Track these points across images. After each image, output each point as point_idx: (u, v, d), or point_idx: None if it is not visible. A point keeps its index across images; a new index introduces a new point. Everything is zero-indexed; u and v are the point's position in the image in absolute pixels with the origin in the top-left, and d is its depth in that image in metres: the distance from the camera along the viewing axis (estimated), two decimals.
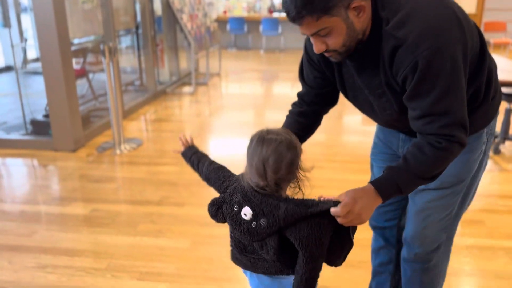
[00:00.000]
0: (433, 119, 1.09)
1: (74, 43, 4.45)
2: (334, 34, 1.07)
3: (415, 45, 1.04)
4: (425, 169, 1.12)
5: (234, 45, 11.01)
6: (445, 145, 1.09)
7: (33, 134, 3.95)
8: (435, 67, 1.04)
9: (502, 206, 2.77)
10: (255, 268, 1.18)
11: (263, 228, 1.08)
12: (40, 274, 2.12)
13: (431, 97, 1.07)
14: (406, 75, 1.08)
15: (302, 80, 1.39)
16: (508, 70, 3.45)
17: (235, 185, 1.16)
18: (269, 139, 1.07)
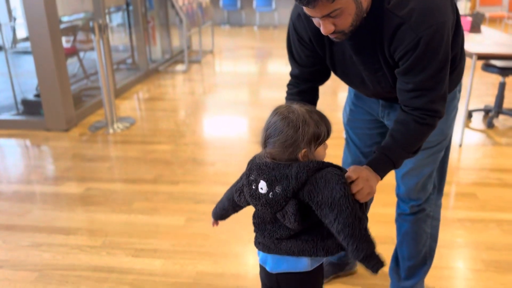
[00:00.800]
0: (423, 93, 1.16)
1: (63, 20, 4.36)
2: (345, 14, 1.07)
3: (418, 24, 1.08)
4: (411, 143, 1.22)
5: (227, 22, 10.86)
6: (429, 121, 1.19)
7: (25, 114, 3.91)
8: (434, 46, 1.09)
9: (494, 179, 2.79)
10: (279, 250, 1.18)
11: (279, 195, 1.09)
12: (35, 253, 2.12)
13: (426, 73, 1.13)
14: (407, 52, 1.11)
15: (293, 62, 1.40)
16: (503, 44, 3.42)
17: (248, 167, 1.18)
18: (279, 113, 1.09)
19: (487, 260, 2.03)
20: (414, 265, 1.65)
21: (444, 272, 1.96)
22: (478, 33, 3.98)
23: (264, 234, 1.19)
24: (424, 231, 1.61)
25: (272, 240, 1.18)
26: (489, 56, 3.13)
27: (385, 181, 2.80)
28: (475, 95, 4.62)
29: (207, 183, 2.80)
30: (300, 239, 1.15)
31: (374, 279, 1.93)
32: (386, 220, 2.34)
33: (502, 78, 3.68)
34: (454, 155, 3.16)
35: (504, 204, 2.50)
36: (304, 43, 1.31)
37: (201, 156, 3.21)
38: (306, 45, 1.31)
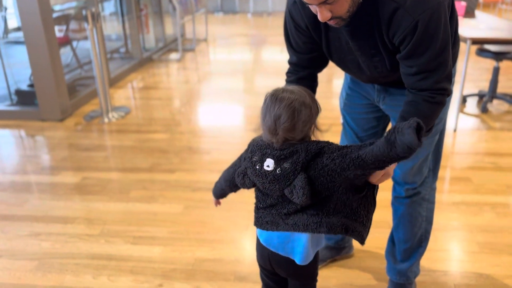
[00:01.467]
0: (428, 75, 1.16)
1: (56, 9, 4.32)
2: (341, 1, 1.08)
3: (413, 7, 1.08)
4: (424, 123, 1.17)
5: (220, 9, 10.78)
6: (439, 99, 1.19)
7: (19, 105, 3.88)
8: (433, 28, 1.10)
9: (489, 163, 2.82)
10: (286, 225, 1.18)
11: (288, 169, 1.10)
12: (33, 242, 2.13)
13: (427, 55, 1.14)
14: (405, 36, 1.12)
15: (291, 49, 1.40)
16: (497, 28, 3.43)
17: (250, 149, 1.19)
18: (282, 97, 1.09)
19: (482, 242, 2.06)
20: (410, 248, 1.67)
21: (439, 255, 1.99)
22: (472, 18, 3.98)
23: (272, 212, 1.20)
24: (420, 214, 1.63)
25: (280, 216, 1.19)
26: (483, 40, 3.13)
27: None
28: (469, 80, 4.64)
29: (203, 171, 2.81)
30: (306, 213, 1.16)
31: (370, 261, 1.95)
32: (383, 204, 2.36)
33: (496, 62, 3.70)
34: (449, 139, 3.18)
35: (498, 188, 2.53)
36: (301, 30, 1.31)
37: (196, 145, 3.21)
38: (303, 32, 1.32)
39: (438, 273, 1.87)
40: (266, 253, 1.27)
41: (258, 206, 1.24)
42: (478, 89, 4.27)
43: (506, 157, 2.89)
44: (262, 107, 1.13)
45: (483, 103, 3.72)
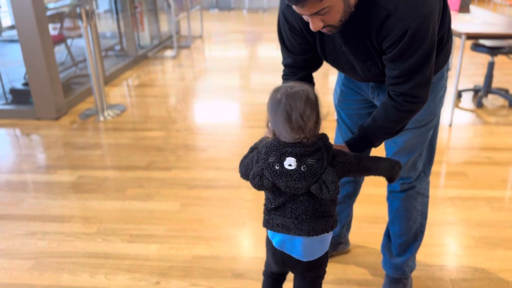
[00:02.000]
0: (408, 78, 1.20)
1: (50, 7, 4.29)
2: (333, 12, 1.10)
3: (404, 16, 1.11)
4: (390, 127, 1.31)
5: (215, 6, 10.75)
6: (407, 107, 1.24)
7: (14, 104, 3.86)
8: (420, 36, 1.13)
9: (484, 158, 2.83)
10: (299, 230, 1.19)
11: (315, 166, 1.11)
12: (30, 241, 2.12)
13: (411, 61, 1.17)
14: (394, 42, 1.15)
15: (286, 51, 1.40)
16: (491, 23, 3.44)
17: (263, 150, 1.17)
18: (296, 92, 1.09)
19: (477, 237, 2.07)
20: (406, 242, 1.68)
21: (435, 249, 2.00)
22: (467, 13, 3.99)
23: (285, 213, 1.20)
24: (415, 208, 1.64)
25: (292, 220, 1.19)
26: (478, 35, 3.14)
27: None
28: (464, 75, 4.65)
29: (200, 169, 2.80)
30: (321, 216, 1.19)
31: (366, 257, 1.96)
32: (378, 200, 2.38)
33: (491, 57, 3.71)
34: (444, 134, 3.19)
35: (493, 182, 2.54)
36: (296, 31, 1.32)
37: (193, 142, 3.21)
38: (297, 33, 1.32)
39: (434, 268, 1.88)
40: (279, 254, 1.27)
41: (269, 207, 1.23)
42: (473, 84, 4.28)
43: (501, 152, 2.91)
44: (275, 108, 1.11)
45: (478, 98, 3.73)
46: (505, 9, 8.47)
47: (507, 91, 3.84)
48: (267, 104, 1.14)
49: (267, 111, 1.15)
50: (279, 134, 1.13)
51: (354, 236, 2.08)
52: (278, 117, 1.10)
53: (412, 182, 1.60)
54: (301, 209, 1.17)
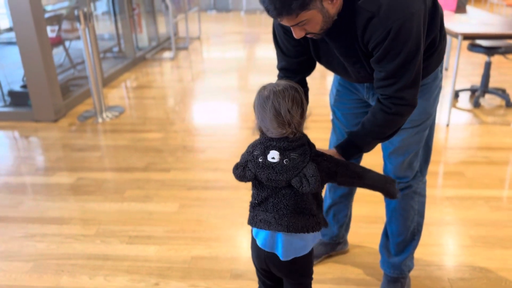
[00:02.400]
0: (394, 81, 1.21)
1: (48, 10, 4.29)
2: (312, 23, 1.14)
3: (386, 17, 1.13)
4: (380, 131, 1.31)
5: (213, 7, 10.76)
6: (395, 110, 1.25)
7: (12, 106, 3.86)
8: (404, 36, 1.14)
9: (481, 158, 2.84)
10: (279, 226, 1.20)
11: (297, 160, 1.15)
12: (29, 243, 2.13)
13: (396, 62, 1.18)
14: (378, 43, 1.18)
15: (281, 54, 1.42)
16: (488, 23, 3.45)
17: (250, 145, 1.22)
18: (283, 89, 1.13)
19: (475, 236, 2.08)
20: (403, 241, 1.69)
21: (433, 249, 2.00)
22: (463, 13, 4.00)
23: (267, 208, 1.21)
24: (412, 207, 1.66)
25: (273, 215, 1.20)
26: (475, 36, 3.15)
27: (375, 162, 2.86)
28: (461, 75, 4.66)
29: (198, 170, 2.81)
30: (302, 213, 1.20)
31: (365, 257, 1.97)
32: (376, 200, 2.39)
33: (488, 57, 3.72)
34: (441, 134, 3.21)
35: (491, 182, 2.55)
36: (290, 34, 1.34)
37: (191, 143, 3.22)
38: (292, 36, 1.34)
39: (432, 268, 1.89)
40: (262, 254, 1.28)
41: (254, 203, 1.25)
42: (470, 84, 4.29)
43: (498, 151, 2.92)
44: (263, 104, 1.14)
45: (475, 98, 3.74)
46: (502, 9, 8.50)
47: (504, 91, 3.86)
48: (254, 102, 1.17)
49: (254, 109, 1.18)
50: (266, 130, 1.17)
51: (352, 236, 2.09)
52: (267, 113, 1.13)
53: (409, 181, 1.61)
54: (282, 203, 1.19)
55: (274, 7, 1.06)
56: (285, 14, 1.08)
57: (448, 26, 3.37)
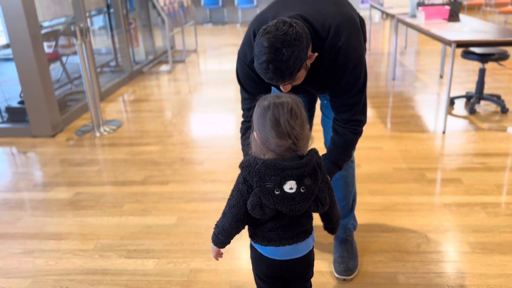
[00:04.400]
0: (348, 108, 1.49)
1: (44, 26, 4.33)
2: (300, 79, 1.32)
3: (344, 59, 1.38)
4: (350, 149, 1.60)
5: (209, 20, 10.84)
6: (359, 130, 1.54)
7: (10, 122, 3.87)
8: (357, 73, 1.42)
9: (478, 164, 2.85)
10: (299, 238, 1.25)
11: (312, 186, 1.15)
12: (27, 259, 2.12)
13: (350, 93, 1.45)
14: (337, 80, 1.43)
15: (247, 95, 1.56)
16: (481, 31, 3.49)
17: (256, 178, 1.13)
18: (282, 101, 1.13)
19: (473, 243, 2.08)
20: (347, 204, 1.98)
21: (432, 256, 2.00)
22: (456, 22, 4.05)
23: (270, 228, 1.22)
24: (352, 174, 1.94)
25: (277, 232, 1.22)
26: (467, 43, 3.19)
27: (373, 170, 2.84)
28: (456, 82, 4.70)
29: (197, 182, 2.81)
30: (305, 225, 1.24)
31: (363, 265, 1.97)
32: (374, 208, 2.39)
33: (481, 64, 3.75)
34: (438, 141, 3.22)
35: (488, 188, 2.56)
36: (258, 80, 1.47)
37: (189, 155, 3.22)
38: (259, 83, 1.48)
39: (431, 275, 1.89)
40: (277, 263, 1.27)
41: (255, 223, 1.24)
42: (465, 91, 4.32)
43: (495, 157, 2.93)
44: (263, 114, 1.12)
45: (470, 105, 3.77)
46: (495, 17, 8.58)
47: (499, 97, 3.89)
48: (254, 114, 1.16)
49: (253, 121, 1.17)
50: (265, 140, 1.13)
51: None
52: (266, 122, 1.12)
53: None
54: (287, 224, 1.21)
55: (281, 77, 1.22)
56: (287, 79, 1.24)
57: (441, 34, 3.41)
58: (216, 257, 1.39)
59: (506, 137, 3.24)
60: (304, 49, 1.23)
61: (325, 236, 2.10)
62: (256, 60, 1.23)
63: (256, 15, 1.50)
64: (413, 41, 7.24)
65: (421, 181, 2.66)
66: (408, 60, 5.92)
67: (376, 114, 3.86)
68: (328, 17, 1.37)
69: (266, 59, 1.19)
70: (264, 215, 1.16)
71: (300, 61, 1.22)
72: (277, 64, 1.19)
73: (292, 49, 1.19)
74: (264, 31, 1.21)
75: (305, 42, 1.23)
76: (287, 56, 1.19)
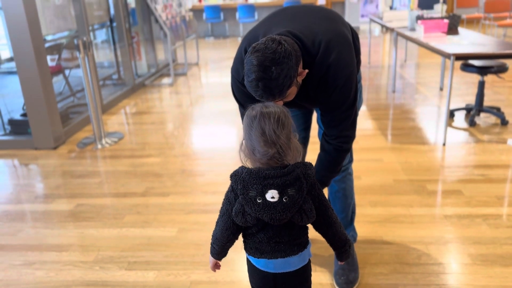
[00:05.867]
0: (338, 123, 1.50)
1: (48, 39, 4.38)
2: (291, 95, 1.34)
3: (334, 76, 1.39)
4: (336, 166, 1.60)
5: (211, 34, 10.94)
6: (345, 147, 1.54)
7: (12, 134, 3.90)
8: (347, 90, 1.43)
9: (478, 176, 2.86)
10: (292, 252, 1.23)
11: (296, 196, 1.14)
12: (27, 271, 2.12)
13: (340, 109, 1.46)
14: (327, 96, 1.44)
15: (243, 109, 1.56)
16: (479, 44, 3.52)
17: (240, 186, 1.16)
18: (270, 111, 1.15)
19: (474, 254, 2.08)
20: (346, 216, 1.99)
21: (434, 268, 2.00)
22: (455, 35, 4.08)
23: (262, 239, 1.22)
24: (350, 187, 1.94)
25: (268, 244, 1.21)
26: (466, 56, 3.21)
27: (374, 182, 2.85)
28: (456, 94, 4.72)
29: (198, 194, 2.82)
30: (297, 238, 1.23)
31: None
32: (375, 220, 2.39)
33: (481, 77, 3.78)
34: (438, 153, 3.23)
35: (488, 199, 2.56)
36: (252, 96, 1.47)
37: (190, 167, 3.24)
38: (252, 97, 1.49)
39: (432, 287, 1.88)
40: (270, 276, 1.26)
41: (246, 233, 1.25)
42: (465, 103, 4.34)
43: (495, 169, 2.94)
44: (250, 123, 1.15)
45: (470, 117, 3.78)
46: (494, 30, 8.65)
47: (499, 109, 3.90)
48: (243, 122, 1.19)
49: (243, 129, 1.19)
50: (252, 149, 1.15)
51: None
52: (253, 131, 1.14)
53: (346, 164, 1.89)
54: (278, 236, 1.20)
55: (271, 95, 1.23)
56: (278, 97, 1.25)
57: (440, 47, 3.44)
58: (213, 268, 1.39)
59: (507, 149, 3.25)
60: (293, 66, 1.24)
61: (326, 248, 2.09)
62: (246, 78, 1.24)
63: (248, 31, 1.52)
64: (413, 54, 7.29)
65: (421, 193, 2.66)
66: (408, 73, 5.96)
67: (377, 126, 3.87)
68: (318, 34, 1.38)
69: (256, 77, 1.20)
70: (246, 223, 1.18)
71: (290, 78, 1.23)
72: (267, 83, 1.20)
73: (281, 67, 1.20)
74: (253, 49, 1.22)
75: (294, 60, 1.24)
76: (276, 74, 1.19)
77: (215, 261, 1.37)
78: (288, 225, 1.20)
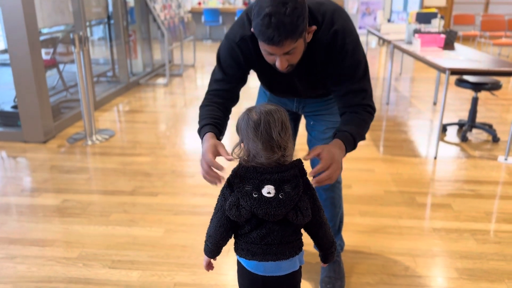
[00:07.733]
0: (356, 94, 1.46)
1: (43, 32, 4.34)
2: (297, 52, 1.30)
3: (342, 43, 1.39)
4: (364, 128, 1.48)
5: (209, 37, 10.94)
6: (369, 110, 1.48)
7: (2, 126, 3.85)
8: (356, 55, 1.41)
9: (468, 191, 2.86)
10: (283, 255, 1.20)
11: (292, 193, 1.13)
12: (8, 265, 2.08)
13: (355, 78, 1.44)
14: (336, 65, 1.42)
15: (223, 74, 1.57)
16: (475, 60, 3.55)
17: (237, 180, 1.15)
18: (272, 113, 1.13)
19: (461, 269, 2.07)
20: (334, 225, 1.96)
21: (420, 281, 1.99)
22: (451, 50, 4.11)
23: (253, 239, 1.19)
24: (339, 195, 1.92)
25: (260, 245, 1.19)
26: (462, 71, 3.23)
27: (364, 192, 2.85)
28: (449, 109, 4.75)
29: (186, 195, 2.79)
30: (290, 241, 1.20)
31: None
32: (364, 229, 2.38)
33: (474, 93, 3.80)
34: (429, 167, 3.23)
35: (477, 215, 2.56)
36: (241, 61, 1.48)
37: (180, 168, 3.21)
38: (241, 63, 1.49)
39: None
40: (259, 279, 1.24)
41: (241, 232, 1.22)
42: (458, 118, 4.37)
43: (485, 185, 2.95)
44: (254, 128, 1.12)
45: (462, 132, 3.80)
46: (489, 48, 8.75)
47: (491, 126, 3.93)
48: (239, 125, 1.16)
49: (239, 132, 1.17)
50: (255, 153, 1.13)
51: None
52: (258, 137, 1.11)
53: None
54: (271, 235, 1.18)
55: (279, 34, 1.18)
56: (289, 40, 1.21)
57: (436, 61, 3.46)
58: (207, 267, 1.36)
59: (497, 165, 3.26)
60: (306, 12, 1.22)
61: (313, 255, 2.08)
62: (257, 16, 1.20)
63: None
64: (409, 68, 7.34)
65: (411, 205, 2.66)
66: (402, 86, 5.99)
67: (369, 137, 3.87)
68: (323, 5, 1.41)
69: (269, 11, 1.17)
70: (240, 217, 1.15)
71: (303, 20, 1.20)
72: (281, 17, 1.17)
73: (295, 5, 1.18)
74: None
75: (306, 9, 1.23)
76: (290, 11, 1.17)
77: (209, 260, 1.35)
78: (282, 224, 1.17)
